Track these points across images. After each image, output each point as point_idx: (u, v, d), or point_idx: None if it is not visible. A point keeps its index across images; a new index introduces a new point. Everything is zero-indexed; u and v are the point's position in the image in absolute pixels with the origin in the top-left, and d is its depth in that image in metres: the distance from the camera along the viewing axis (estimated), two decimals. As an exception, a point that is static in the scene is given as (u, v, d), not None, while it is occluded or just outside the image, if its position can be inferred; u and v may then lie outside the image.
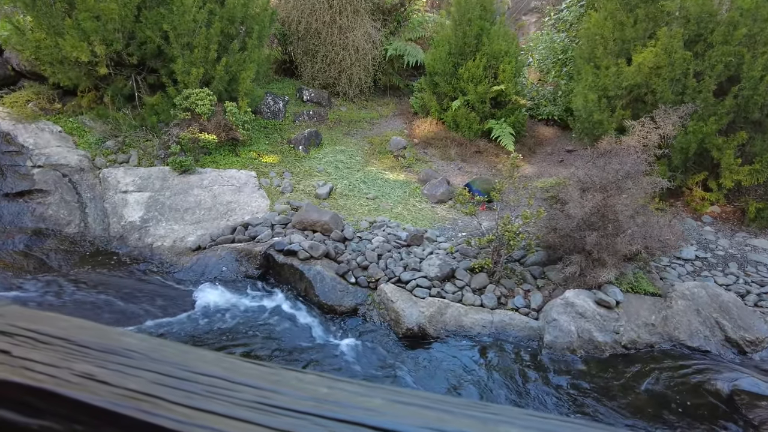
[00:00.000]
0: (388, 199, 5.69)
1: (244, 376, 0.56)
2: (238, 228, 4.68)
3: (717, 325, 3.62)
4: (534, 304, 3.85)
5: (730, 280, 4.41)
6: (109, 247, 4.72)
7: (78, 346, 0.59)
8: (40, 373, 0.54)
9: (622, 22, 5.77)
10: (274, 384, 0.56)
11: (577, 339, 3.49)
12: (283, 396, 0.54)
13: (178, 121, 5.67)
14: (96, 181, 5.33)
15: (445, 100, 7.24)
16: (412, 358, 3.30)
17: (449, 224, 5.22)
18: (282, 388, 0.55)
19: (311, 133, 6.68)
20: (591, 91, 5.82)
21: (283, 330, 3.54)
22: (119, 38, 5.39)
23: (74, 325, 0.65)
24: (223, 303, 3.84)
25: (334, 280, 3.96)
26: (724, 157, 5.07)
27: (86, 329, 0.64)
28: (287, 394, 0.54)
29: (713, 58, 4.92)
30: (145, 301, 3.79)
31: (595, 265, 3.79)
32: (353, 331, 3.62)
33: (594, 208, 3.56)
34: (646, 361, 3.42)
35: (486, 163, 6.85)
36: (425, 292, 3.87)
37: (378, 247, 4.39)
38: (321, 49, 7.73)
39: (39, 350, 0.58)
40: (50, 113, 5.87)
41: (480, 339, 3.56)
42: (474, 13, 6.91)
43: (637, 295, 3.84)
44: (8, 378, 0.53)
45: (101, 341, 0.61)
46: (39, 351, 0.58)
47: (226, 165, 5.80)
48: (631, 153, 3.95)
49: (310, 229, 4.57)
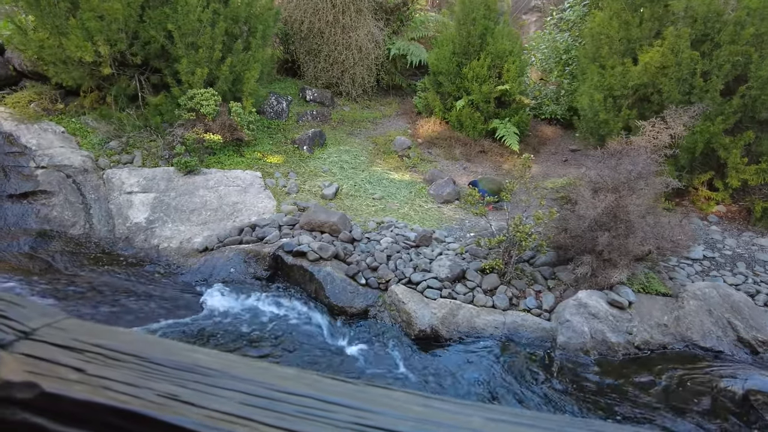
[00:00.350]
0: (394, 199, 5.66)
1: (331, 394, 0.54)
2: (246, 229, 4.65)
3: (729, 326, 3.61)
4: (546, 305, 3.83)
5: (739, 279, 4.41)
6: (115, 248, 4.68)
7: (151, 363, 0.57)
8: (121, 393, 0.52)
9: (627, 21, 5.77)
10: (365, 402, 0.53)
11: (590, 340, 3.48)
12: (380, 416, 0.51)
13: (182, 121, 5.62)
14: (100, 182, 5.28)
15: (449, 100, 7.22)
16: (427, 360, 3.28)
17: (456, 224, 5.20)
18: (375, 407, 0.53)
19: (315, 133, 6.65)
20: (597, 91, 5.82)
21: (296, 332, 3.51)
22: (123, 38, 5.35)
23: (140, 339, 0.63)
24: (232, 305, 3.80)
25: (344, 282, 3.94)
26: (731, 156, 5.07)
27: (153, 344, 0.61)
28: (383, 413, 0.52)
29: (721, 58, 4.92)
30: (155, 303, 3.75)
31: (607, 265, 3.78)
32: (365, 332, 3.60)
33: (606, 208, 3.55)
34: (659, 361, 3.41)
35: (491, 162, 6.83)
36: (436, 294, 3.85)
37: (387, 248, 4.37)
38: (324, 48, 7.69)
39: (113, 368, 0.55)
40: (53, 114, 5.82)
41: (493, 340, 3.54)
42: (478, 12, 6.90)
43: (648, 296, 3.83)
44: (91, 398, 0.50)
45: (173, 358, 0.58)
46: (113, 369, 0.55)
47: (230, 165, 5.76)
48: (642, 153, 3.94)
49: (318, 230, 4.54)
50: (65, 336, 0.61)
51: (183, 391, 0.52)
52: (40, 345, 0.58)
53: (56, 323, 0.64)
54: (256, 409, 0.50)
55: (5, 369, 0.54)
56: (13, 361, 0.55)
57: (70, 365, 0.55)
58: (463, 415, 0.52)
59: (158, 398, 0.51)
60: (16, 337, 0.59)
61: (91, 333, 0.62)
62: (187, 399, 0.51)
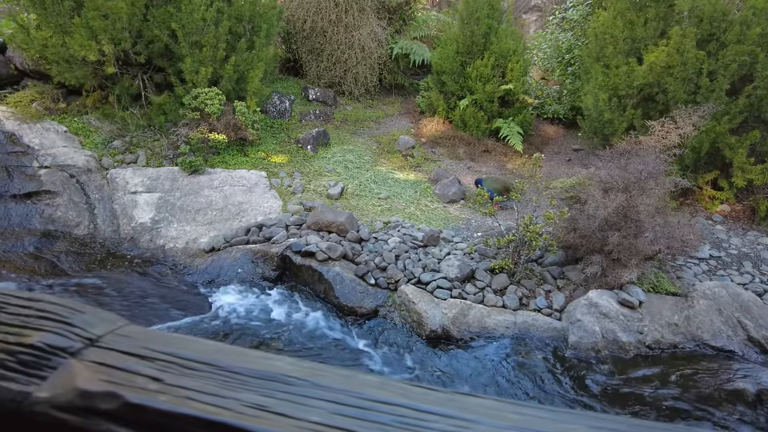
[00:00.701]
0: (399, 198, 5.65)
1: (423, 402, 0.52)
2: (252, 229, 4.62)
3: (739, 325, 3.62)
4: (556, 305, 3.83)
5: (746, 279, 4.42)
6: (120, 248, 4.64)
7: (229, 372, 0.55)
8: (207, 403, 0.50)
9: (632, 21, 5.77)
10: (459, 410, 0.52)
11: (601, 339, 3.48)
12: (479, 425, 0.49)
13: (186, 120, 5.59)
14: (104, 181, 5.24)
15: (452, 99, 7.21)
16: (440, 360, 3.27)
17: (463, 224, 5.19)
18: (469, 415, 0.51)
19: (319, 133, 6.62)
20: (601, 91, 5.82)
21: (306, 332, 3.50)
22: (127, 37, 5.31)
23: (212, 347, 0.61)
24: (241, 305, 3.78)
25: (353, 282, 3.92)
26: (736, 156, 5.09)
27: (227, 352, 0.59)
28: (482, 422, 0.50)
29: (727, 58, 4.93)
30: (165, 303, 3.73)
31: (617, 265, 3.78)
32: (376, 333, 3.58)
33: (617, 208, 3.55)
34: (671, 361, 3.41)
35: (495, 162, 6.83)
36: (446, 294, 3.84)
37: (395, 248, 4.35)
38: (327, 47, 7.66)
39: (191, 377, 0.53)
40: (55, 113, 5.77)
41: (504, 340, 3.53)
42: (482, 11, 6.88)
43: (658, 295, 3.84)
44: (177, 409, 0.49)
45: (251, 366, 0.56)
46: (191, 378, 0.53)
47: (235, 165, 5.73)
48: (650, 153, 3.94)
49: (326, 230, 4.52)
50: (132, 343, 0.59)
51: (271, 401, 0.50)
52: (109, 353, 0.56)
53: (119, 330, 0.62)
54: (350, 419, 0.49)
55: (79, 378, 0.52)
56: (85, 370, 0.53)
57: (145, 374, 0.53)
58: (565, 423, 0.50)
59: (248, 409, 0.49)
60: (83, 345, 0.57)
61: (157, 340, 0.60)
62: (279, 410, 0.49)
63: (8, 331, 0.56)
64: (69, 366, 0.53)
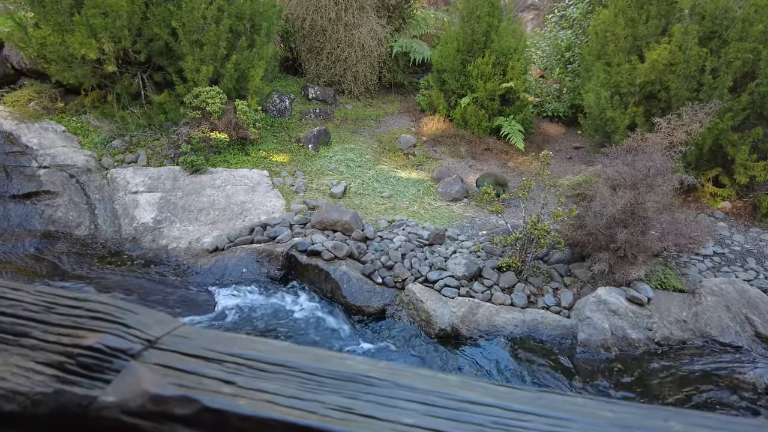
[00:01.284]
0: (402, 197, 5.63)
1: (513, 402, 0.50)
2: (257, 228, 4.58)
3: (747, 321, 3.63)
4: (564, 303, 3.82)
5: (750, 275, 4.43)
6: (122, 249, 4.58)
7: (303, 373, 0.52)
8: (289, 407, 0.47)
9: (633, 18, 5.77)
10: (551, 410, 0.49)
11: (611, 336, 3.47)
12: (576, 423, 0.47)
13: (187, 119, 5.53)
14: (104, 181, 5.18)
15: (453, 98, 7.19)
16: (451, 359, 3.25)
17: (467, 222, 5.18)
18: (563, 414, 0.49)
19: (320, 132, 6.58)
20: (603, 88, 5.82)
21: (314, 332, 3.47)
22: (127, 35, 5.25)
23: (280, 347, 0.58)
24: (248, 304, 3.74)
25: (360, 281, 3.89)
26: (739, 153, 5.10)
27: (297, 352, 0.56)
28: (576, 420, 0.48)
29: (729, 55, 4.94)
30: (170, 303, 3.68)
31: (624, 262, 3.77)
32: (385, 332, 3.56)
33: (625, 205, 3.54)
34: (680, 357, 3.41)
35: (496, 160, 6.82)
36: (454, 292, 3.82)
37: (401, 247, 4.33)
38: (326, 46, 7.62)
39: (265, 380, 0.50)
40: (53, 112, 5.70)
41: (513, 338, 3.52)
42: (482, 10, 6.87)
43: (666, 292, 3.84)
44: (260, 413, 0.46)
45: (326, 366, 0.53)
46: (265, 381, 0.50)
47: (237, 164, 5.68)
48: (657, 150, 3.94)
49: (331, 229, 4.48)
50: (192, 344, 0.56)
51: (356, 403, 0.48)
52: (171, 354, 0.53)
53: (175, 330, 0.59)
54: (444, 420, 0.46)
55: (146, 381, 0.49)
56: (150, 372, 0.50)
57: (215, 377, 0.50)
58: (658, 419, 0.48)
59: (333, 412, 0.46)
60: (142, 346, 0.54)
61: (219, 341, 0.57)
62: (365, 412, 0.46)
63: (61, 332, 0.53)
64: (133, 369, 0.50)
